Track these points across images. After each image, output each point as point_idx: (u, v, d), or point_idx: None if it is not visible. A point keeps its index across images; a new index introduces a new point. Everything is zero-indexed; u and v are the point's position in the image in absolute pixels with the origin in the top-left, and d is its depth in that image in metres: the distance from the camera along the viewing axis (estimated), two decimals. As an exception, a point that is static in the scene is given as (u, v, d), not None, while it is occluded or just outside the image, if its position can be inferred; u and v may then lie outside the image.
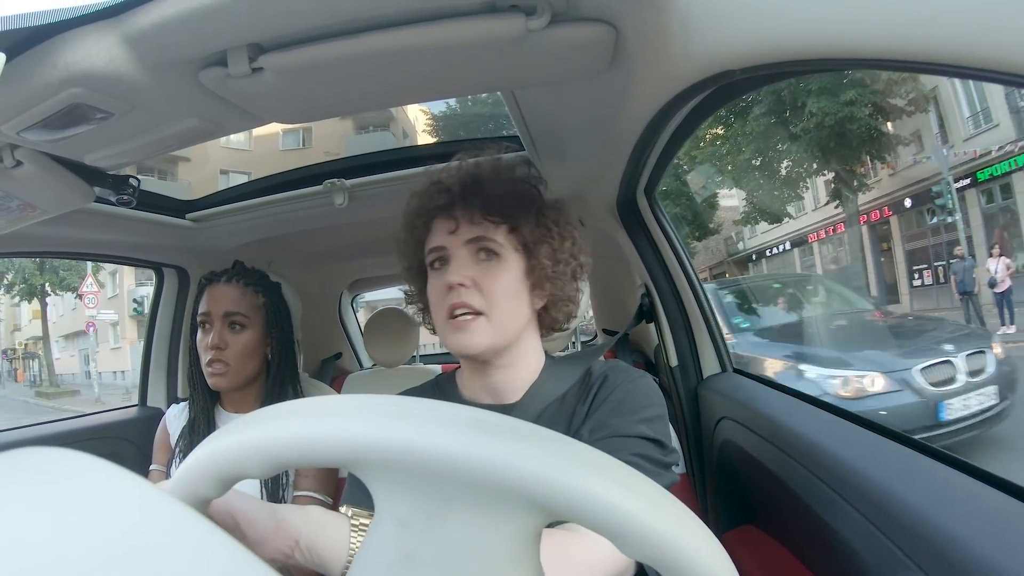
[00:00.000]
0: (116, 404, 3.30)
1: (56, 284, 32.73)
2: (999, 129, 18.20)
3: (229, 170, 27.19)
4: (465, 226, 1.26)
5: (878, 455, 1.13)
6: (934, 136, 19.99)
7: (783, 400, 1.63)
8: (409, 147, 2.62)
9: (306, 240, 2.80)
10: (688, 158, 19.61)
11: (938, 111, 19.94)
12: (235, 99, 1.26)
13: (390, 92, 1.39)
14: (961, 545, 0.79)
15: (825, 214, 23.84)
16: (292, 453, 0.60)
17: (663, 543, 0.56)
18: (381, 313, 3.12)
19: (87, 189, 1.58)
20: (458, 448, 0.54)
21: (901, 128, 19.76)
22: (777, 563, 1.28)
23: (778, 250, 26.60)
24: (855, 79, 17.40)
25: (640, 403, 1.23)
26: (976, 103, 18.92)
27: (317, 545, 0.83)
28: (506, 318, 1.26)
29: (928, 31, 0.61)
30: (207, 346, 1.82)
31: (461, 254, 1.25)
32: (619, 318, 2.84)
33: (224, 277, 1.91)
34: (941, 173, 19.02)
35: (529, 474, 0.54)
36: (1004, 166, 17.86)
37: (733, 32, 0.93)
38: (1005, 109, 17.92)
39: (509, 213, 1.27)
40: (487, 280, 1.24)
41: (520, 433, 0.58)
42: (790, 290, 10.58)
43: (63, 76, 1.04)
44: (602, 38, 1.14)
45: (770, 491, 1.38)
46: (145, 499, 0.48)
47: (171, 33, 1.01)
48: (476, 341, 1.22)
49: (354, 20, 1.06)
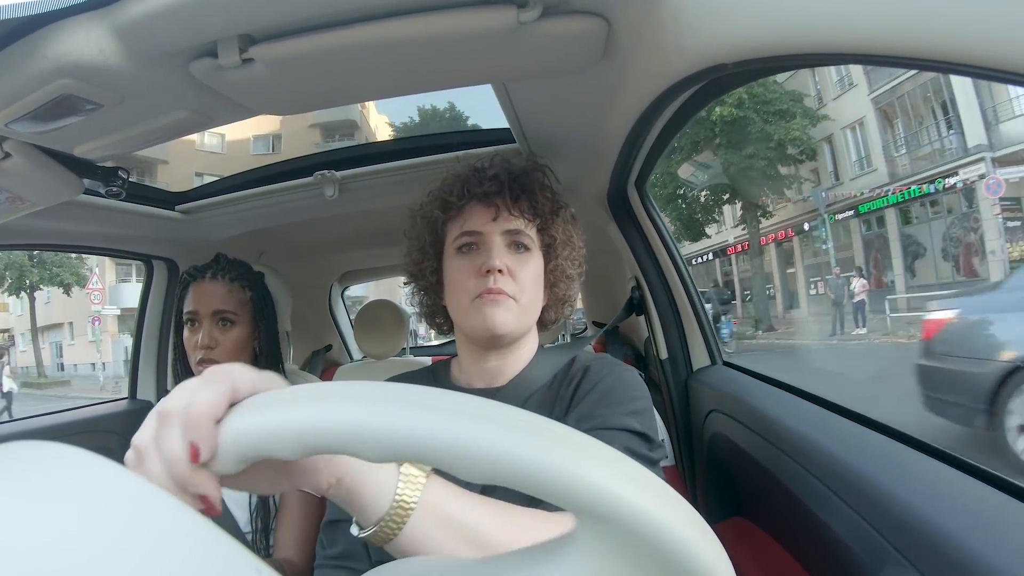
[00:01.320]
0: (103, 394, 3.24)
1: (47, 280, 32.67)
2: (876, 173, 23.57)
3: (204, 172, 27.90)
4: (505, 216, 1.30)
5: (867, 449, 1.14)
6: (829, 174, 25.79)
7: (773, 393, 1.63)
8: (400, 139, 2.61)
9: (296, 232, 2.79)
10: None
11: (833, 154, 25.65)
12: (225, 90, 1.25)
13: (381, 84, 1.38)
14: (949, 538, 0.79)
15: (736, 234, 28.85)
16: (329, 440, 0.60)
17: (655, 529, 0.56)
18: (371, 305, 3.11)
19: (76, 181, 1.58)
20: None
21: (799, 170, 25.20)
22: (766, 555, 1.29)
23: (702, 260, 31.76)
24: (759, 134, 22.13)
25: (627, 395, 1.25)
26: (861, 149, 24.41)
27: (361, 487, 0.79)
28: (530, 307, 1.32)
29: (923, 27, 0.61)
30: (196, 345, 1.81)
31: (497, 242, 1.29)
32: (609, 311, 2.85)
33: (209, 273, 1.90)
34: (837, 203, 24.78)
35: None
36: (879, 203, 23.26)
37: (726, 25, 0.93)
38: (882, 157, 23.30)
39: (543, 213, 1.35)
40: (520, 269, 1.29)
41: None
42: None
43: (52, 67, 1.03)
44: (594, 31, 1.14)
45: (760, 483, 1.38)
46: (136, 494, 0.47)
47: (161, 23, 1.00)
48: (506, 318, 1.26)
49: (345, 11, 1.06)
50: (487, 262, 1.25)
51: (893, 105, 22.91)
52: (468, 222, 1.31)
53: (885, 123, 23.43)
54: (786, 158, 23.53)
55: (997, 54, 0.56)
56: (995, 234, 19.02)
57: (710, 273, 32.06)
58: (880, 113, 23.43)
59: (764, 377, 1.80)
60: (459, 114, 6.98)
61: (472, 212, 1.31)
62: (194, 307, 1.84)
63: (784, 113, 22.72)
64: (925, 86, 21.09)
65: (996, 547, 0.75)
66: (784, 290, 27.89)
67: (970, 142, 19.64)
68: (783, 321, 25.36)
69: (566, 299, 1.43)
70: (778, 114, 22.55)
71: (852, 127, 24.75)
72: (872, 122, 23.74)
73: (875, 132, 23.69)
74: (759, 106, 22.18)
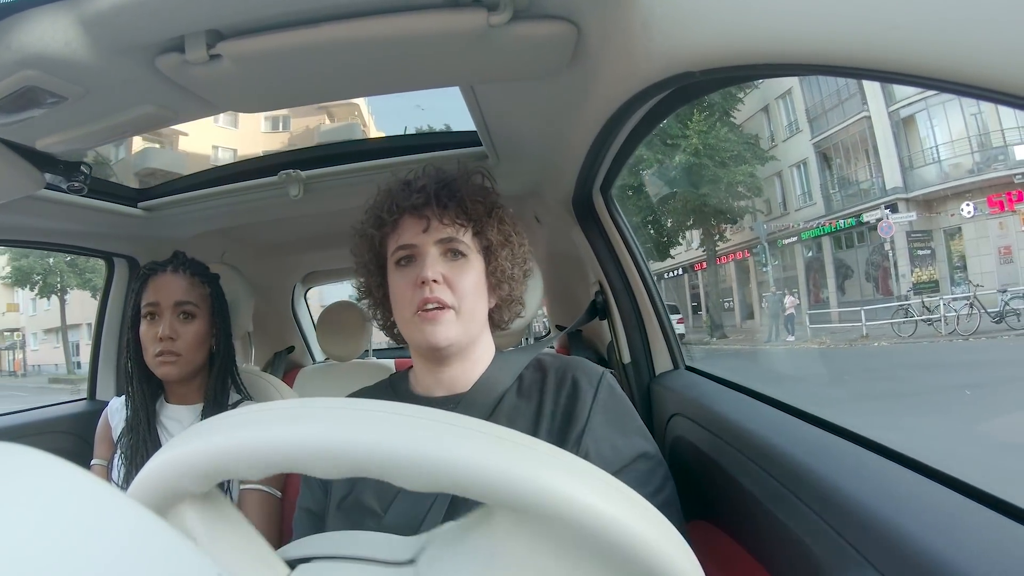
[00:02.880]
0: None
1: (81, 284, 33.93)
2: (816, 206, 26.85)
3: (219, 145, 29.08)
4: (436, 226, 1.29)
5: (828, 452, 1.15)
6: (779, 205, 29.19)
7: (735, 397, 1.65)
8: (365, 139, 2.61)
9: (260, 231, 2.77)
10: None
11: (782, 188, 28.85)
12: (192, 86, 1.25)
13: (349, 83, 1.38)
14: (909, 539, 0.80)
15: (696, 255, 31.98)
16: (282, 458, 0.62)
17: (626, 538, 0.59)
18: (334, 307, 3.10)
19: (37, 175, 1.55)
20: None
21: (754, 202, 28.55)
22: (729, 558, 1.30)
23: (673, 274, 34.65)
24: (712, 176, 25.78)
25: (634, 414, 1.35)
26: (805, 185, 27.66)
27: None
28: (473, 314, 1.31)
29: (889, 39, 0.62)
30: (156, 336, 1.78)
31: (431, 252, 1.29)
32: (573, 315, 2.86)
33: (170, 267, 1.87)
34: (779, 232, 28.51)
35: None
36: (817, 231, 26.71)
37: (695, 34, 0.94)
38: (819, 193, 26.64)
39: (476, 217, 1.33)
40: (456, 277, 1.28)
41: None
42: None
43: (16, 58, 1.02)
44: (564, 35, 1.15)
45: (722, 487, 1.39)
46: (94, 496, 0.47)
47: (129, 16, 0.99)
48: (446, 333, 1.26)
49: (315, 9, 1.06)
50: (420, 273, 1.26)
51: (829, 149, 26.08)
52: (403, 236, 1.31)
53: (823, 164, 26.73)
54: (736, 195, 27.30)
55: (958, 67, 0.57)
56: (905, 261, 22.76)
57: (680, 287, 34.83)
58: (819, 155, 26.74)
59: (726, 382, 1.82)
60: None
61: (405, 225, 1.31)
62: (155, 298, 1.81)
63: (735, 158, 26.26)
64: (854, 136, 24.71)
65: (955, 547, 0.76)
66: (742, 303, 30.14)
67: (888, 184, 23.29)
68: (737, 330, 28.31)
69: (514, 298, 1.43)
70: (727, 160, 26.02)
71: (797, 165, 27.95)
72: (813, 163, 27.11)
73: (815, 171, 27.14)
74: (712, 153, 25.55)
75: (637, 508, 0.64)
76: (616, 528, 0.60)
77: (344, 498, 1.25)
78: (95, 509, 0.46)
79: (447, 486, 0.61)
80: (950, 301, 18.34)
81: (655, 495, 1.20)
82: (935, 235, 22.72)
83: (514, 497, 0.60)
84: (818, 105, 26.19)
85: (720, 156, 25.75)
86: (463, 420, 0.67)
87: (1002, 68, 0.53)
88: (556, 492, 0.60)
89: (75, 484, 0.47)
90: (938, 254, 22.57)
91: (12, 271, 35.96)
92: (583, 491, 0.61)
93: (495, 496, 0.61)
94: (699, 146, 24.99)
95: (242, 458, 0.64)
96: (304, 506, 1.33)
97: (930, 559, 0.76)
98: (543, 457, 0.65)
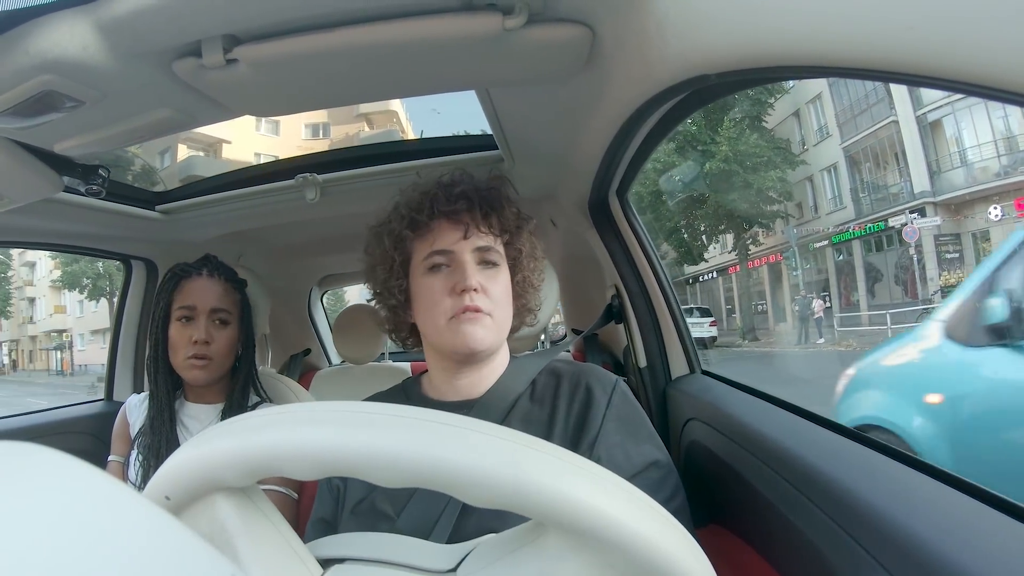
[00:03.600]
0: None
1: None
2: (846, 209, 27.48)
3: (261, 153, 30.03)
4: (475, 233, 1.30)
5: (842, 456, 1.14)
6: (810, 208, 29.76)
7: (750, 402, 1.64)
8: (382, 143, 2.60)
9: (277, 234, 2.78)
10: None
11: (813, 192, 29.44)
12: (208, 90, 1.25)
13: (365, 88, 1.39)
14: (922, 543, 0.80)
15: (729, 258, 32.53)
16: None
17: (643, 545, 0.59)
18: (351, 310, 3.11)
19: (56, 178, 1.57)
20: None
21: (786, 207, 29.22)
22: (743, 563, 1.29)
23: (708, 276, 36.08)
24: (743, 182, 26.12)
25: (647, 422, 1.35)
26: (836, 189, 28.28)
27: None
28: (504, 321, 1.34)
29: (904, 41, 0.61)
30: (191, 340, 1.80)
31: (469, 260, 1.29)
32: (588, 318, 2.85)
33: (205, 271, 1.89)
34: (809, 236, 29.10)
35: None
36: (847, 235, 27.09)
37: (710, 37, 0.94)
38: (850, 197, 27.28)
39: (510, 228, 1.37)
40: (492, 285, 1.30)
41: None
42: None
43: (35, 62, 1.03)
44: (579, 39, 1.15)
45: (736, 491, 1.38)
46: (108, 494, 0.47)
47: (146, 22, 1.00)
48: (486, 336, 1.27)
49: (331, 14, 1.06)
50: (462, 281, 1.25)
51: (859, 153, 26.51)
52: (438, 241, 1.30)
53: (853, 168, 27.33)
54: (767, 199, 27.74)
55: (974, 68, 0.56)
56: (933, 264, 23.12)
57: (714, 290, 35.74)
58: (849, 160, 27.31)
59: (741, 386, 1.81)
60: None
61: (441, 230, 1.31)
62: (192, 302, 1.83)
63: (766, 163, 26.63)
64: (883, 140, 25.33)
65: (968, 552, 0.76)
66: (774, 306, 31.07)
67: (916, 188, 23.85)
68: (769, 332, 28.59)
69: (530, 308, 1.46)
70: (759, 165, 26.38)
71: (828, 170, 28.52)
72: (843, 167, 27.66)
73: (845, 176, 27.68)
74: (743, 159, 25.91)
75: (694, 548, 0.68)
76: (672, 567, 0.63)
77: (360, 502, 1.25)
78: (111, 509, 0.46)
79: (511, 505, 0.62)
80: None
81: (667, 503, 1.20)
82: (963, 239, 22.94)
83: (575, 520, 0.61)
84: (847, 110, 26.50)
85: (751, 162, 26.09)
86: (524, 438, 0.68)
87: (1017, 69, 0.53)
88: (619, 522, 0.61)
89: (92, 484, 0.47)
90: (966, 258, 22.59)
91: (63, 275, 38.53)
92: (646, 524, 0.63)
93: (558, 517, 0.62)
94: (729, 153, 25.48)
95: (294, 458, 0.65)
96: (320, 516, 1.33)
97: (944, 564, 0.76)
98: (610, 487, 0.66)
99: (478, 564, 0.77)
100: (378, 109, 34.26)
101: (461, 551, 0.82)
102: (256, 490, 0.76)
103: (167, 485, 0.70)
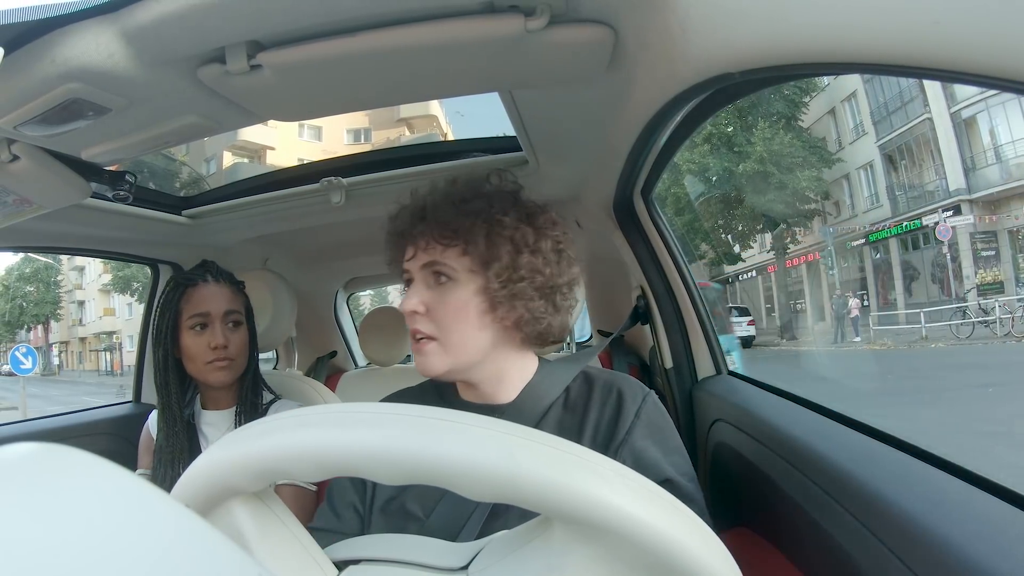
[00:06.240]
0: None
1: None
2: (883, 208, 27.62)
3: (304, 158, 29.89)
4: (420, 252, 1.25)
5: (871, 458, 1.13)
6: (847, 206, 29.87)
7: (777, 403, 1.63)
8: (406, 146, 2.60)
9: (302, 238, 2.79)
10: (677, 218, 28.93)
11: (850, 190, 29.56)
12: (233, 96, 1.26)
13: (388, 91, 1.39)
14: (953, 548, 0.78)
15: (767, 258, 32.85)
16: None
17: (666, 544, 0.59)
18: (377, 312, 3.11)
19: (84, 184, 1.58)
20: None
21: (823, 205, 29.92)
22: (770, 565, 1.28)
23: (747, 276, 36.18)
24: (777, 183, 26.69)
25: (675, 434, 1.33)
26: (872, 187, 28.38)
27: None
28: (461, 342, 1.24)
29: (930, 36, 0.60)
30: (209, 346, 1.82)
31: (419, 278, 1.26)
32: (614, 320, 2.84)
33: (210, 277, 1.92)
34: (846, 235, 29.49)
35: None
36: (884, 233, 27.30)
37: (733, 35, 0.93)
38: (886, 195, 27.34)
39: (459, 235, 1.22)
40: (437, 305, 1.23)
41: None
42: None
43: (61, 71, 1.04)
44: (601, 40, 1.14)
45: (764, 493, 1.37)
46: (140, 497, 0.47)
47: (170, 29, 1.00)
48: (432, 364, 1.23)
49: (353, 18, 1.06)
50: (402, 305, 1.24)
51: (894, 151, 26.52)
52: (404, 261, 1.29)
53: (889, 166, 27.35)
54: (803, 199, 28.36)
55: (1002, 63, 0.55)
56: (969, 262, 23.44)
57: (753, 289, 35.88)
58: (885, 158, 27.31)
59: (768, 387, 1.80)
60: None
61: (406, 251, 1.29)
62: (205, 308, 1.84)
63: (801, 163, 27.12)
64: (918, 138, 25.31)
65: (1000, 558, 0.75)
66: (813, 304, 30.94)
67: (951, 186, 23.91)
68: (808, 331, 28.76)
69: (531, 316, 1.24)
70: (794, 165, 26.90)
71: (864, 168, 28.56)
72: (879, 165, 27.69)
73: (881, 173, 27.76)
74: (778, 160, 26.36)
75: (708, 539, 0.67)
76: (681, 553, 0.62)
77: (390, 501, 1.24)
78: (138, 510, 0.46)
79: (509, 497, 0.62)
80: (1004, 303, 18.68)
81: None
82: (999, 236, 23.10)
83: (574, 511, 0.61)
84: (882, 108, 26.45)
85: (787, 162, 26.49)
86: (520, 430, 0.68)
87: None
88: (621, 511, 0.61)
89: (119, 485, 0.47)
90: (1002, 255, 22.94)
91: (114, 279, 40.87)
92: (648, 511, 0.62)
93: (556, 509, 0.62)
94: (763, 153, 25.82)
95: (299, 460, 0.66)
96: (332, 506, 1.31)
97: (974, 568, 0.75)
98: (608, 475, 0.65)
99: (489, 560, 0.78)
100: (418, 113, 34.76)
101: (473, 549, 0.83)
102: (271, 494, 0.78)
103: (185, 495, 0.71)
